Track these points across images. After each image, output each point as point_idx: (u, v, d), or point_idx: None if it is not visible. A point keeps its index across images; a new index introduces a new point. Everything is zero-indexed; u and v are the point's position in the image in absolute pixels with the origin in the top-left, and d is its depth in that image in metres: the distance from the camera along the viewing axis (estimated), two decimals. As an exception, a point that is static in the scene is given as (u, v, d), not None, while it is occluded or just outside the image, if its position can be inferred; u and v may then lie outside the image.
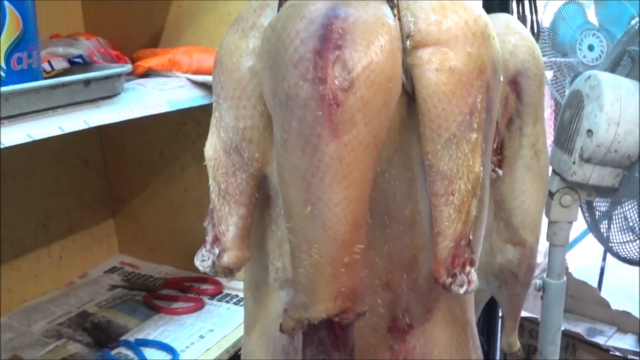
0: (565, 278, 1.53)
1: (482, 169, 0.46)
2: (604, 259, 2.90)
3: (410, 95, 0.46)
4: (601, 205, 1.54)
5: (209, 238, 0.50)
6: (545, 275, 1.52)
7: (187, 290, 1.49)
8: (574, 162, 1.37)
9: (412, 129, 0.47)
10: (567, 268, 2.54)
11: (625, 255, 1.48)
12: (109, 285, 1.56)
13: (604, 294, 2.55)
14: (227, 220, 0.49)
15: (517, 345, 1.08)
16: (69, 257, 1.61)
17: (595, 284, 2.67)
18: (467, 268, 0.48)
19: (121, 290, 1.53)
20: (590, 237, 2.91)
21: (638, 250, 1.46)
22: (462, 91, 0.44)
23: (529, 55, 0.85)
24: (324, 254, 0.41)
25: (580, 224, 2.94)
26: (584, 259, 2.97)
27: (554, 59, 2.56)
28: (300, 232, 0.42)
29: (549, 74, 2.53)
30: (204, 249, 0.49)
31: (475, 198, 0.47)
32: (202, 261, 0.49)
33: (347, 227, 0.41)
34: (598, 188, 1.43)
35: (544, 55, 2.47)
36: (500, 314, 1.55)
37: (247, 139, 0.49)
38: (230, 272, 0.49)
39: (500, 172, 0.87)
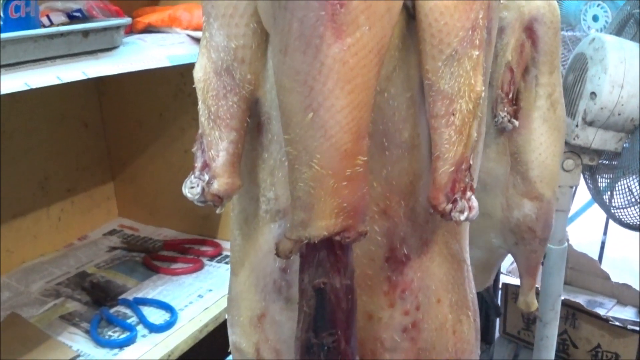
0: (566, 244, 1.52)
1: (483, 88, 0.45)
2: (605, 232, 2.90)
3: (410, 12, 0.45)
4: (604, 179, 1.52)
5: (198, 164, 0.48)
6: (546, 241, 1.51)
7: (187, 251, 1.48)
8: (576, 125, 1.36)
9: (411, 48, 0.46)
10: (567, 240, 2.54)
11: (628, 221, 1.47)
12: (108, 247, 1.56)
13: (604, 267, 2.55)
14: (218, 146, 0.47)
15: (535, 304, 1.06)
16: (68, 219, 1.61)
17: (595, 258, 2.67)
18: (468, 193, 0.47)
19: (120, 252, 1.52)
20: (591, 211, 2.91)
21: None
22: (464, 5, 0.43)
23: (545, 2, 0.84)
24: (326, 164, 0.40)
25: (580, 199, 2.94)
26: (584, 233, 2.96)
27: (563, 33, 2.54)
28: (300, 142, 0.40)
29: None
30: (192, 176, 0.48)
31: (476, 119, 0.46)
32: (191, 188, 0.47)
33: (349, 136, 0.40)
34: (601, 152, 1.42)
35: (548, 28, 2.45)
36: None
37: (239, 59, 0.47)
38: (220, 200, 0.47)
39: (517, 122, 0.86)
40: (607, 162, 1.49)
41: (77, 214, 1.63)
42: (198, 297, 1.30)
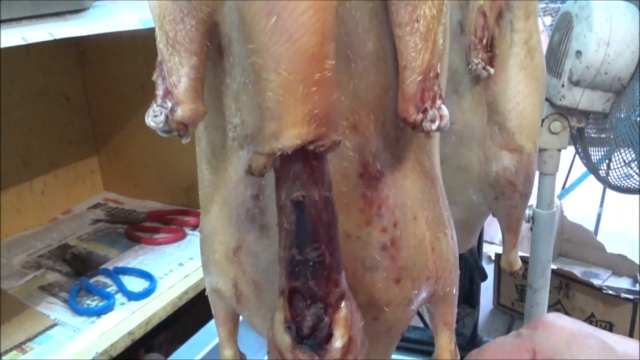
0: (555, 209, 1.50)
1: (446, -6, 0.43)
2: (601, 205, 2.88)
3: None
4: (597, 152, 1.50)
5: (160, 92, 0.46)
6: (534, 206, 1.49)
7: (170, 222, 1.47)
8: (562, 86, 1.34)
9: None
10: (562, 211, 2.52)
11: (624, 185, 1.45)
12: (91, 220, 1.54)
13: (600, 239, 2.53)
14: (179, 71, 0.45)
15: (519, 263, 1.03)
16: (51, 193, 1.59)
17: (591, 230, 2.65)
18: (437, 102, 0.45)
19: (103, 224, 1.51)
20: (586, 184, 2.89)
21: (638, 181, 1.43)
22: None
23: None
24: (293, 70, 0.38)
25: (575, 172, 2.92)
26: (580, 206, 2.94)
27: (552, 5, 2.52)
28: (264, 50, 0.39)
29: (547, 20, 2.49)
30: (154, 105, 0.45)
31: (440, 25, 0.44)
32: (154, 117, 0.44)
33: (315, 38, 0.38)
34: (588, 113, 1.40)
35: (541, 1, 2.42)
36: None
37: (193, -20, 0.45)
38: (185, 128, 0.45)
39: (492, 70, 0.82)
40: (596, 134, 1.47)
41: (61, 188, 1.62)
42: (179, 265, 1.29)
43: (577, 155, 1.56)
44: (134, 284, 1.22)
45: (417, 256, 0.52)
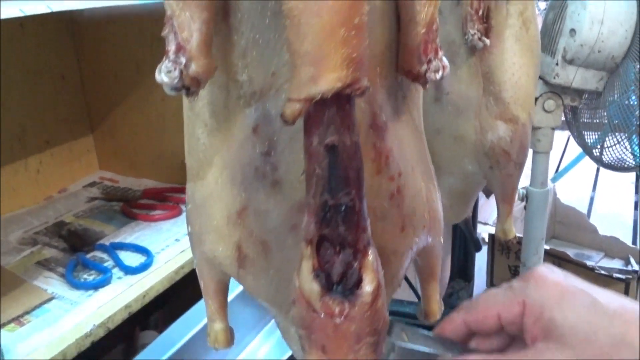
0: (548, 187, 1.51)
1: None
2: (594, 189, 2.90)
3: None
4: (591, 135, 1.51)
5: (172, 47, 0.45)
6: (528, 184, 1.50)
7: (166, 199, 1.47)
8: (556, 64, 1.35)
9: None
10: (555, 194, 2.54)
11: (617, 164, 1.46)
12: (87, 197, 1.55)
13: (592, 222, 2.55)
14: (190, 26, 0.45)
15: (513, 232, 1.04)
16: (47, 172, 1.59)
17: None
18: (439, 53, 0.47)
19: (99, 202, 1.51)
20: (579, 168, 2.90)
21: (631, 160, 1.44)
22: None
23: None
24: (336, 13, 0.39)
25: (568, 155, 2.93)
26: (573, 189, 2.96)
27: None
28: None
29: (542, 5, 2.50)
30: (166, 60, 0.45)
31: None
32: (168, 72, 0.44)
33: None
34: (582, 92, 1.41)
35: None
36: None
37: None
38: (197, 84, 0.45)
39: (487, 41, 0.84)
40: (589, 119, 1.48)
41: (57, 166, 1.62)
42: (175, 240, 1.29)
43: (569, 140, 1.57)
44: (131, 259, 1.23)
45: (416, 205, 0.54)
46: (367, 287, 0.43)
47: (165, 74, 0.45)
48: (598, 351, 0.51)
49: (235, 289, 1.10)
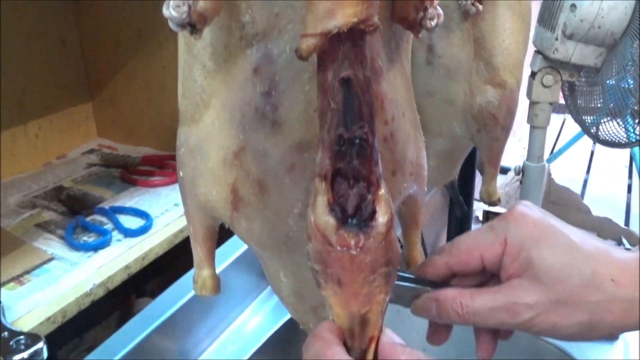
0: (544, 163, 1.52)
1: None
2: (588, 171, 2.92)
3: None
4: (588, 117, 1.51)
5: None
6: (525, 159, 1.51)
7: (165, 166, 1.48)
8: (556, 39, 1.35)
9: None
10: (550, 174, 2.55)
11: (612, 140, 1.47)
12: (86, 164, 1.55)
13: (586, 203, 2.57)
14: None
15: (497, 194, 1.07)
16: (46, 137, 1.59)
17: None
18: (435, 2, 0.48)
19: (98, 168, 1.52)
20: (574, 150, 2.92)
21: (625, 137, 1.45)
22: None
23: None
24: None
25: (563, 138, 2.95)
26: (567, 171, 2.98)
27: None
28: None
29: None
30: None
31: None
32: (177, 7, 0.45)
33: None
34: (580, 67, 1.41)
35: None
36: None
37: None
38: (204, 20, 0.46)
39: (480, 6, 0.85)
40: (586, 103, 1.48)
41: (56, 132, 1.62)
42: (174, 205, 1.30)
43: (565, 123, 1.58)
44: (131, 222, 1.24)
45: (406, 151, 0.55)
46: (381, 218, 0.44)
47: (173, 9, 0.45)
48: (569, 290, 0.53)
49: (224, 261, 1.10)
